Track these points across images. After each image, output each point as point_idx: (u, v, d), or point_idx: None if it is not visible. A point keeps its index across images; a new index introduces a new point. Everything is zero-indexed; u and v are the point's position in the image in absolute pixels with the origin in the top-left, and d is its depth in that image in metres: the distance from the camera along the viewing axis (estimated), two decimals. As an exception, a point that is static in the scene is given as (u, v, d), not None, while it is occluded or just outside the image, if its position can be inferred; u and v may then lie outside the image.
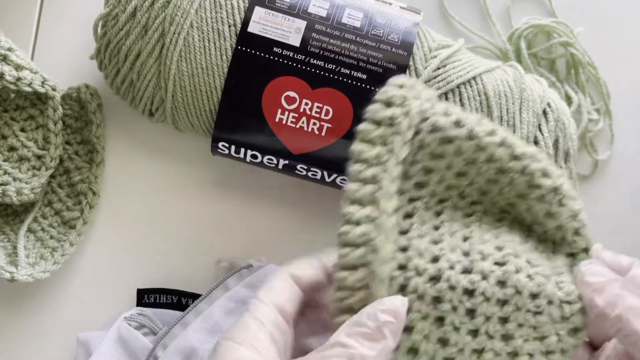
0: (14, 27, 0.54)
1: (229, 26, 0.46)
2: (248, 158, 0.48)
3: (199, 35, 0.46)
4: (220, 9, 0.46)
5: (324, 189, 0.52)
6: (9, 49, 0.49)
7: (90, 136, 0.52)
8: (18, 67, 0.49)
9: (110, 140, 0.53)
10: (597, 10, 0.56)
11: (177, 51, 0.46)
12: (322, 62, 0.45)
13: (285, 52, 0.45)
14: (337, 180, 0.48)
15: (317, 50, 0.45)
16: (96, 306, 0.51)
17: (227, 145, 0.47)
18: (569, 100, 0.54)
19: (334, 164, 0.47)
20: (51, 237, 0.51)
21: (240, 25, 0.46)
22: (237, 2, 0.46)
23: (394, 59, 0.46)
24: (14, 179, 0.49)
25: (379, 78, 0.45)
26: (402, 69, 0.46)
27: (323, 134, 0.46)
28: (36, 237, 0.51)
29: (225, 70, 0.46)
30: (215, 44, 0.46)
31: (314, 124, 0.46)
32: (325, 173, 0.47)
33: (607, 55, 0.55)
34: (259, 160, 0.48)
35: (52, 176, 0.52)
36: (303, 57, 0.45)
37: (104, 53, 0.48)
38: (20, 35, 0.54)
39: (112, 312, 0.50)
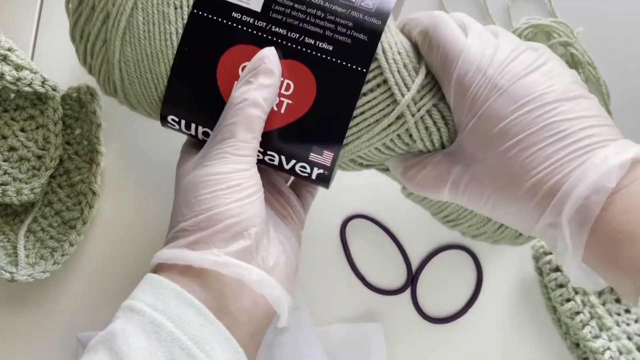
0: (14, 27, 0.54)
1: (175, 8, 0.42)
2: (200, 135, 0.44)
3: (143, 18, 0.42)
4: None
5: (323, 190, 0.52)
6: (9, 49, 0.49)
7: (90, 136, 0.52)
8: (18, 67, 0.49)
9: (111, 140, 0.53)
10: (597, 10, 0.56)
11: (120, 35, 0.42)
12: (285, 31, 0.41)
13: (244, 18, 0.41)
14: (297, 168, 0.43)
15: (279, 17, 0.41)
16: (96, 306, 0.51)
17: (176, 119, 0.44)
18: (568, 100, 0.54)
19: (293, 147, 0.42)
20: (51, 237, 0.51)
21: (186, 8, 0.42)
22: None
23: (366, 28, 0.41)
24: (14, 179, 0.49)
25: (347, 50, 0.41)
26: (374, 40, 0.41)
27: (282, 110, 0.42)
28: (36, 237, 0.51)
29: (171, 56, 0.42)
30: (159, 27, 0.42)
31: None
32: (283, 158, 0.43)
33: (607, 55, 0.55)
34: None
35: (52, 176, 0.52)
36: (264, 24, 0.41)
37: (70, 35, 0.46)
38: (20, 35, 0.54)
39: (112, 312, 0.50)
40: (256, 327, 0.39)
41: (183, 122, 0.44)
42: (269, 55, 0.40)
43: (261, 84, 0.40)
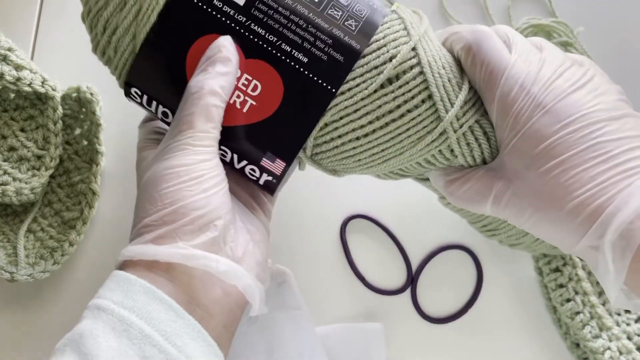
0: (14, 27, 0.54)
1: None
2: (159, 114, 0.43)
3: None
4: None
5: (324, 190, 0.52)
6: (9, 49, 0.49)
7: (90, 136, 0.52)
8: (18, 67, 0.49)
9: (110, 140, 0.53)
10: (597, 10, 0.56)
11: (149, 29, 0.41)
12: (263, 31, 0.40)
13: (225, 9, 0.40)
14: (246, 170, 0.42)
15: (261, 16, 0.40)
16: (96, 306, 0.51)
17: (139, 93, 0.43)
18: (568, 100, 0.54)
19: (247, 148, 0.41)
20: (51, 237, 0.51)
21: None
22: None
23: (344, 49, 0.40)
24: (14, 179, 0.49)
25: (321, 66, 0.40)
26: (350, 62, 0.40)
27: (245, 110, 0.40)
28: (36, 237, 0.51)
29: None
30: None
31: (238, 96, 0.40)
32: (235, 157, 0.42)
33: (607, 55, 0.55)
34: (169, 120, 0.43)
35: (52, 176, 0.52)
36: (244, 19, 0.40)
37: (85, 19, 0.44)
38: (20, 35, 0.54)
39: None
40: (229, 318, 0.38)
41: (145, 97, 0.43)
42: (225, 43, 0.40)
43: (218, 72, 0.39)
